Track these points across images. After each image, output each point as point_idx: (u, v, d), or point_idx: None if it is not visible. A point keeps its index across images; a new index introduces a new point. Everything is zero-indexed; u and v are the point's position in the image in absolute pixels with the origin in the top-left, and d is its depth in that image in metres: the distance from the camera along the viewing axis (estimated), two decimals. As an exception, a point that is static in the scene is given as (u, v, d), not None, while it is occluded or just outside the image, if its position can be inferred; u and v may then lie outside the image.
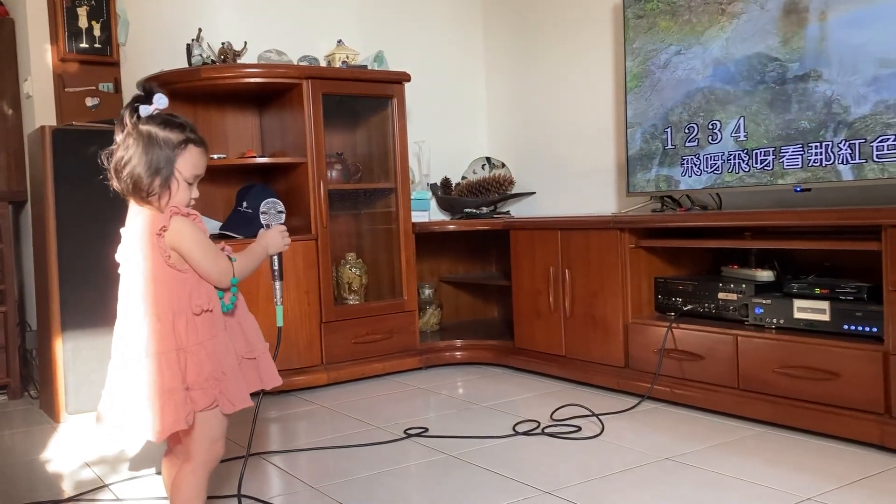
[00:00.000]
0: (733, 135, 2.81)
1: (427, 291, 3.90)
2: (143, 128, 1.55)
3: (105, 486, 2.17)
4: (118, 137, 1.57)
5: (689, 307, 2.82)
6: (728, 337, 2.58)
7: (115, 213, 3.07)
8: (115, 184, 1.57)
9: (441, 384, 3.26)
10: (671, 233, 2.92)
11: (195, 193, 1.63)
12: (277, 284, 1.82)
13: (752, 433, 2.39)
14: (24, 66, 3.32)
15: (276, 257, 1.79)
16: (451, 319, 4.09)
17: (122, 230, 1.62)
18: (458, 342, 3.60)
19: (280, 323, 1.84)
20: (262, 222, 1.85)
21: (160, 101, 1.57)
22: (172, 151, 1.56)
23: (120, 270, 1.62)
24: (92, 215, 2.89)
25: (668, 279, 2.92)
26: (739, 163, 2.80)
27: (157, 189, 1.55)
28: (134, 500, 2.04)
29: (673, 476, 2.06)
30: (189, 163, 1.59)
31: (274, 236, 1.77)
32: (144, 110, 1.56)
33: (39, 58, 3.18)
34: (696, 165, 2.96)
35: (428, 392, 3.15)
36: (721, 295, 2.72)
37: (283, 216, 1.85)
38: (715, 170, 2.89)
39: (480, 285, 4.16)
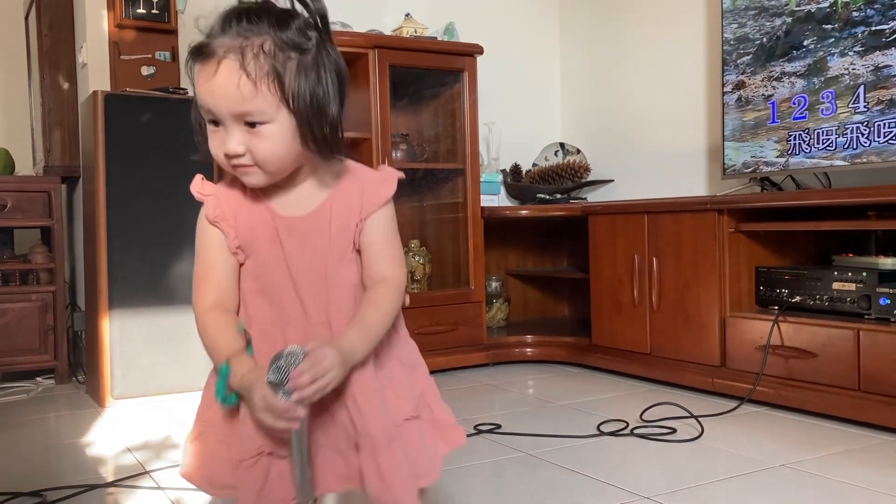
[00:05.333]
0: (851, 105, 2.49)
1: (494, 284, 3.64)
2: None
3: (146, 472, 1.96)
4: None
5: (797, 299, 2.50)
6: (847, 332, 2.25)
7: (169, 185, 2.85)
8: None
9: (511, 381, 2.99)
10: (780, 214, 2.60)
11: (232, 145, 0.98)
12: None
13: (879, 441, 2.06)
14: (80, 33, 3.18)
15: (294, 440, 0.99)
16: (519, 316, 3.81)
17: None
18: (529, 338, 3.33)
19: None
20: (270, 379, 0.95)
21: None
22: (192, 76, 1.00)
23: None
24: (145, 188, 2.71)
25: (772, 268, 2.60)
26: (858, 137, 2.48)
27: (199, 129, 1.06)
28: (175, 490, 1.81)
29: (793, 484, 1.75)
30: (198, 92, 0.99)
31: (258, 406, 0.95)
32: None
33: (95, 24, 3.03)
34: (804, 142, 2.64)
35: (496, 389, 2.88)
36: (836, 285, 2.39)
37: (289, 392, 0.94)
38: (828, 145, 2.57)
39: (551, 280, 3.88)
